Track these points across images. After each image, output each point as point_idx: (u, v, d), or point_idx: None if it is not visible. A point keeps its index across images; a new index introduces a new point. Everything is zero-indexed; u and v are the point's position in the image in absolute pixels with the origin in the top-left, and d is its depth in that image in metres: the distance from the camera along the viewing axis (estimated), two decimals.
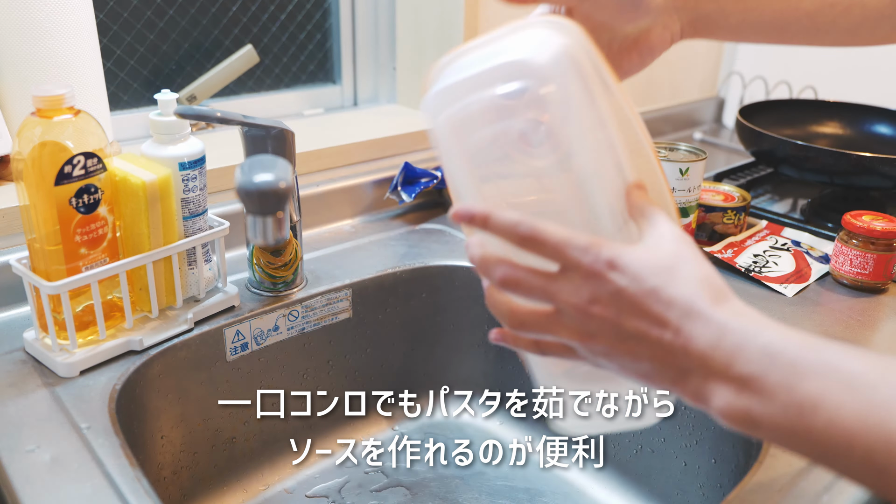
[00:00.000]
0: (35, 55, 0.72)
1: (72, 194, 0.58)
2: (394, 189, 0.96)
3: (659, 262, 0.41)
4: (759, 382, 0.38)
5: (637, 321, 0.41)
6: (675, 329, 0.40)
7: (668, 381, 0.41)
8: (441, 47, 1.04)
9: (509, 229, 0.42)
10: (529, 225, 0.42)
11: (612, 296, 0.41)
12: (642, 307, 0.40)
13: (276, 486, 0.78)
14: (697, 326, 0.40)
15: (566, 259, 0.41)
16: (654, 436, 0.75)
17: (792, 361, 0.38)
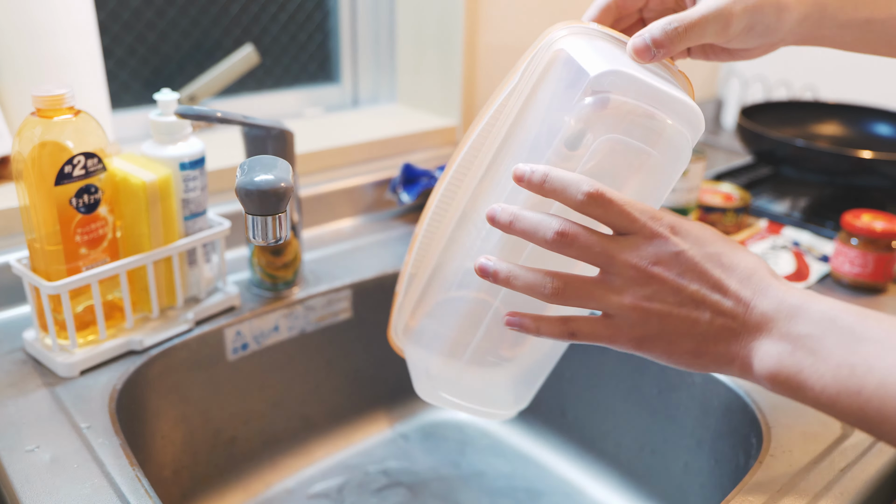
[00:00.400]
0: (35, 55, 0.72)
1: (72, 194, 0.58)
2: (394, 189, 0.96)
3: (717, 235, 0.43)
4: (816, 342, 0.39)
5: (697, 284, 0.41)
6: (735, 293, 0.41)
7: (712, 351, 0.42)
8: (441, 47, 1.04)
9: (572, 185, 0.41)
10: (594, 183, 0.41)
11: (674, 257, 0.41)
12: (703, 270, 0.41)
13: (276, 486, 0.78)
14: (758, 290, 0.41)
15: (631, 220, 0.41)
16: (654, 436, 0.75)
17: (850, 326, 0.39)
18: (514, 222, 0.43)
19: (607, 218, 0.42)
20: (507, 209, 0.44)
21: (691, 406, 0.70)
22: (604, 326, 0.44)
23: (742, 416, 0.64)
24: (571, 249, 0.42)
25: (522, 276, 0.44)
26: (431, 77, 1.07)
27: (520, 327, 0.46)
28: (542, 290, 0.43)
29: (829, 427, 0.60)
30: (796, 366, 0.40)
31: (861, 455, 0.56)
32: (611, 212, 0.41)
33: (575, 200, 0.41)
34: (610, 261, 0.42)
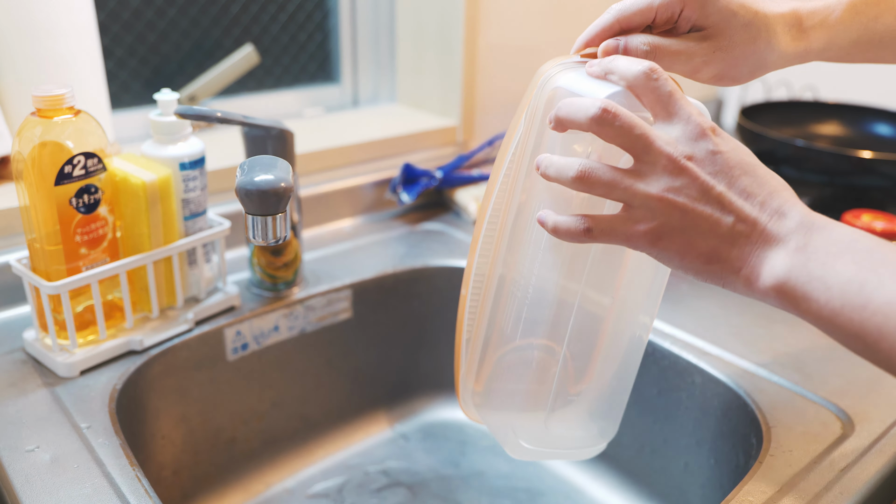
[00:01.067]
0: (35, 55, 0.72)
1: (72, 194, 0.58)
2: (394, 189, 0.96)
3: (751, 153, 0.43)
4: (832, 258, 0.40)
5: (726, 187, 0.42)
6: (761, 202, 0.41)
7: (725, 257, 0.42)
8: (441, 47, 1.04)
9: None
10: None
11: (709, 155, 0.42)
12: (735, 176, 0.42)
13: (276, 486, 0.78)
14: (783, 205, 0.42)
15: (678, 107, 0.43)
16: (654, 436, 0.75)
17: (869, 248, 0.40)
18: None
19: (653, 104, 0.43)
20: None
21: (691, 406, 0.70)
22: (622, 220, 0.43)
23: (742, 416, 0.64)
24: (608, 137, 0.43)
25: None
26: (431, 77, 1.07)
27: (541, 223, 0.46)
28: (568, 172, 0.44)
29: (829, 427, 0.60)
30: (806, 276, 0.40)
31: (861, 455, 0.56)
32: (658, 96, 0.43)
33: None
34: (646, 148, 0.42)
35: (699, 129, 0.42)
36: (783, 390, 0.64)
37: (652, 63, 0.43)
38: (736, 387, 0.65)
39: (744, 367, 0.68)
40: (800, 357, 0.69)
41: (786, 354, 0.69)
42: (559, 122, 0.44)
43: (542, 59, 1.13)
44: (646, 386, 0.74)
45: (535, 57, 1.12)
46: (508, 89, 1.10)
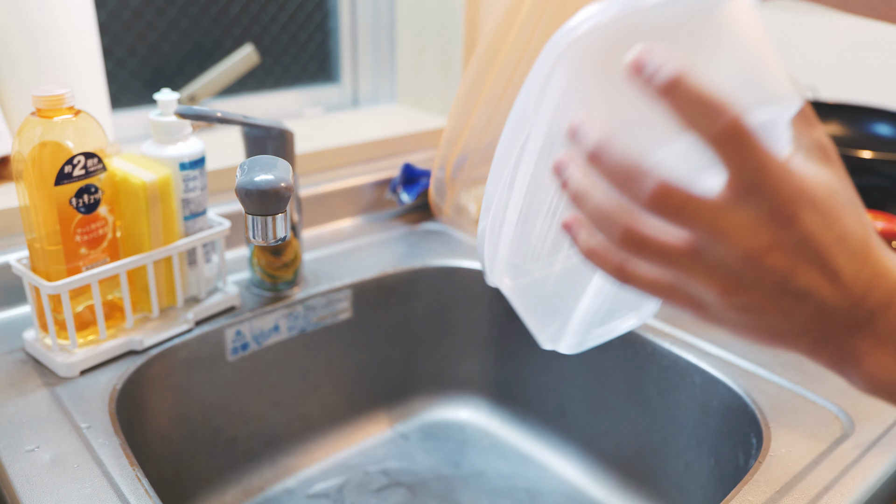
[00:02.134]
0: (35, 55, 0.72)
1: (72, 194, 0.58)
2: (394, 189, 0.96)
3: (844, 196, 0.32)
4: None
5: (812, 275, 0.31)
6: (849, 284, 0.32)
7: (811, 342, 0.34)
8: (441, 47, 1.04)
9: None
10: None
11: (797, 244, 0.31)
12: (825, 258, 0.31)
13: (276, 486, 0.78)
14: (873, 280, 0.32)
15: (760, 180, 0.30)
16: (654, 436, 0.75)
17: None
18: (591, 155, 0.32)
19: (733, 164, 0.30)
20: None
21: (691, 406, 0.70)
22: (681, 298, 0.34)
23: (742, 416, 0.64)
24: (672, 214, 0.31)
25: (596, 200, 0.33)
26: (431, 77, 1.07)
27: (570, 231, 0.35)
28: (617, 237, 0.32)
29: (829, 427, 0.60)
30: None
31: (861, 455, 0.56)
32: (740, 150, 0.30)
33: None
34: (720, 234, 0.31)
35: (788, 209, 0.31)
36: (783, 390, 0.64)
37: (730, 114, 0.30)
38: (736, 387, 0.65)
39: (744, 367, 0.68)
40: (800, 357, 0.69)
41: (786, 354, 0.69)
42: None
43: None
44: (646, 386, 0.74)
45: None
46: None
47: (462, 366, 0.91)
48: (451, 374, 0.91)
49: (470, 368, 0.91)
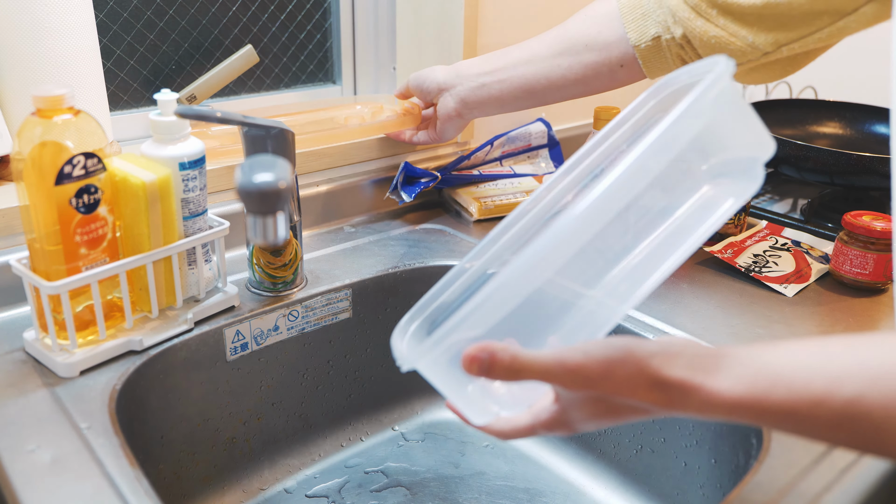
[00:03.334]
0: (35, 55, 0.72)
1: (72, 194, 0.58)
2: (394, 189, 0.96)
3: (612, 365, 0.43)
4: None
5: (630, 411, 0.45)
6: (666, 407, 0.43)
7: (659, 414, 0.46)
8: (441, 47, 1.04)
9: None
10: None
11: (607, 407, 0.45)
12: (630, 405, 0.44)
13: (276, 486, 0.78)
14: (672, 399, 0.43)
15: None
16: (654, 436, 0.75)
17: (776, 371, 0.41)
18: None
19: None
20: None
21: None
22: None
23: None
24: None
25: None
26: None
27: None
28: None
29: None
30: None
31: (861, 455, 0.56)
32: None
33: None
34: (567, 426, 0.47)
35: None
36: None
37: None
38: None
39: None
40: None
41: None
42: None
43: None
44: None
45: None
46: None
47: None
48: None
49: None
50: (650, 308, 0.77)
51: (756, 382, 0.40)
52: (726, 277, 0.85)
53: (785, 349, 0.42)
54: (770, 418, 0.40)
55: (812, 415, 0.39)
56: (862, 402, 0.38)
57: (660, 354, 0.42)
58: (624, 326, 0.74)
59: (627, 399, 0.43)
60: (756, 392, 0.40)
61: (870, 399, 0.38)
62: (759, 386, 0.40)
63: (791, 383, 0.40)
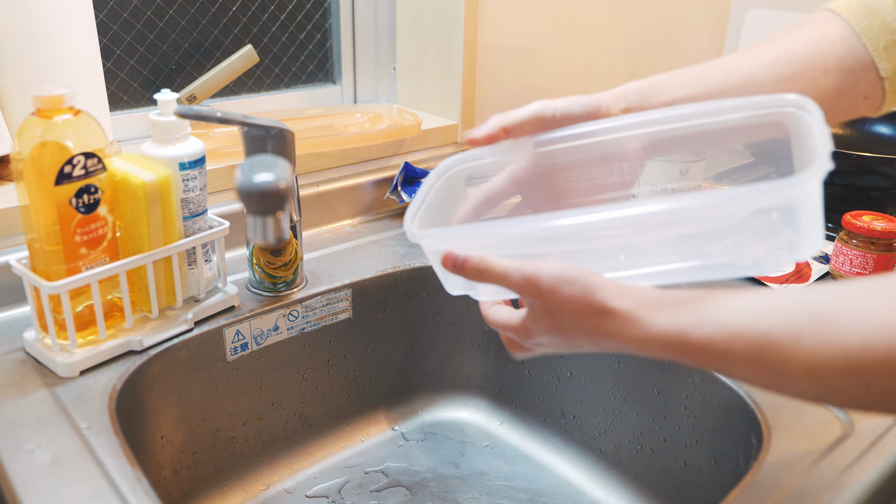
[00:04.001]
0: (35, 55, 0.72)
1: (72, 194, 0.58)
2: (394, 189, 0.96)
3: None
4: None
5: (578, 333, 0.48)
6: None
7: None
8: (441, 47, 1.04)
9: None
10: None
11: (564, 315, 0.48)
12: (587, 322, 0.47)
13: (276, 486, 0.78)
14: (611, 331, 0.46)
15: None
16: (654, 436, 0.75)
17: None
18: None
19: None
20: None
21: (691, 406, 0.70)
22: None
23: (742, 415, 0.64)
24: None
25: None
26: (431, 77, 1.07)
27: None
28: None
29: (829, 427, 0.60)
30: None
31: (861, 455, 0.56)
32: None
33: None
34: (527, 333, 0.51)
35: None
36: None
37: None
38: (736, 387, 0.65)
39: None
40: None
41: None
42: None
43: (541, 58, 1.14)
44: (646, 385, 0.74)
45: (534, 57, 1.12)
46: (508, 89, 1.10)
47: (462, 366, 0.91)
48: (451, 374, 0.91)
49: (470, 368, 0.91)
50: None
51: (685, 318, 0.43)
52: None
53: (742, 294, 0.43)
54: (694, 354, 0.43)
55: (729, 350, 0.41)
56: (771, 334, 0.40)
57: (611, 287, 0.45)
58: None
59: (573, 318, 0.46)
60: (682, 327, 0.42)
61: (779, 331, 0.40)
62: (685, 321, 0.43)
63: (716, 320, 0.42)
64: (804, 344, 0.39)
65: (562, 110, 0.58)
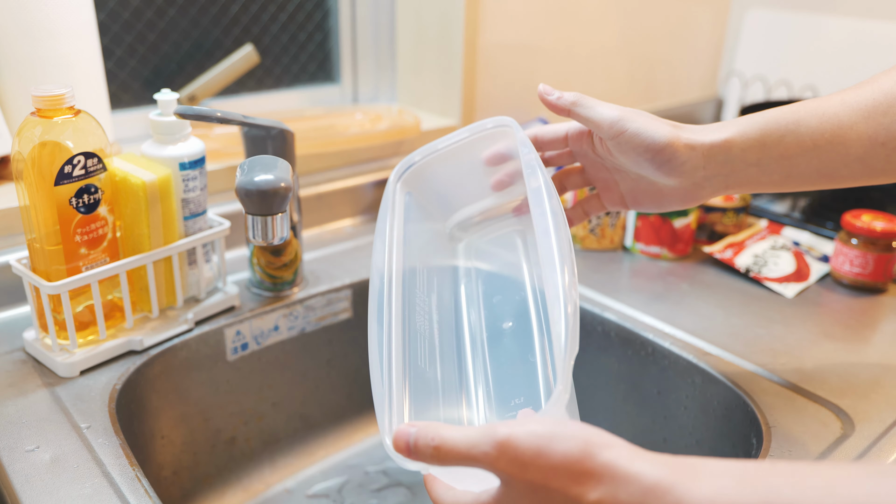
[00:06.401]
0: (35, 55, 0.72)
1: (72, 194, 0.58)
2: None
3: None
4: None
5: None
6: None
7: None
8: (441, 47, 1.04)
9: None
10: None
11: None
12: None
13: (276, 486, 0.78)
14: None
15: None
16: (654, 436, 0.75)
17: None
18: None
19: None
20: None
21: (691, 406, 0.70)
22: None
23: (742, 416, 0.64)
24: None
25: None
26: (431, 77, 1.07)
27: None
28: None
29: (829, 427, 0.60)
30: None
31: (861, 455, 0.56)
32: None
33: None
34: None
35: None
36: (783, 390, 0.64)
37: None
38: (736, 387, 0.65)
39: (744, 367, 0.68)
40: (800, 357, 0.69)
41: (786, 354, 0.69)
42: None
43: (541, 58, 1.14)
44: (646, 386, 0.74)
45: (535, 56, 1.12)
46: (508, 89, 1.10)
47: None
48: None
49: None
50: (651, 308, 0.77)
51: (739, 490, 0.34)
52: (726, 277, 0.85)
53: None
54: None
55: None
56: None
57: (621, 445, 0.35)
58: (624, 327, 0.74)
59: (563, 488, 0.35)
60: (732, 499, 0.33)
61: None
62: (740, 495, 0.33)
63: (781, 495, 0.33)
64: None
65: (632, 133, 0.55)
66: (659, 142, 0.54)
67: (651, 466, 0.34)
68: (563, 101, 0.57)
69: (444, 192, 0.64)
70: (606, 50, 1.23)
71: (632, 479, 0.34)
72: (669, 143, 0.54)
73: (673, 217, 0.87)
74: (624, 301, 0.79)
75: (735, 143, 0.54)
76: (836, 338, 0.73)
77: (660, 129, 0.54)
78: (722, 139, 0.54)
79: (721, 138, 0.54)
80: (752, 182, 0.56)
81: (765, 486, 0.33)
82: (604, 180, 0.62)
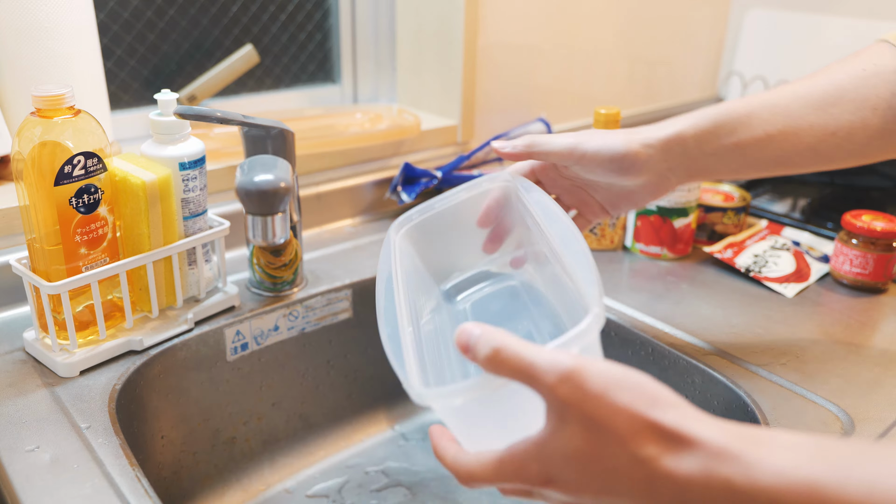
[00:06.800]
0: (35, 55, 0.72)
1: (72, 194, 0.58)
2: (394, 189, 0.96)
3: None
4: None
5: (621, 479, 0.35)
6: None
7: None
8: (441, 47, 1.04)
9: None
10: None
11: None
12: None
13: (276, 486, 0.78)
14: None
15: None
16: None
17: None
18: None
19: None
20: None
21: None
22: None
23: (742, 416, 0.64)
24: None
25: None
26: (431, 77, 1.07)
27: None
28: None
29: (829, 427, 0.60)
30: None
31: None
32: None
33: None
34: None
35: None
36: (783, 390, 0.64)
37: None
38: (736, 387, 0.65)
39: (744, 366, 0.68)
40: (800, 357, 0.69)
41: (786, 354, 0.69)
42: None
43: (541, 58, 1.14)
44: None
45: (535, 56, 1.12)
46: (508, 89, 1.10)
47: None
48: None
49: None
50: (651, 308, 0.77)
51: (817, 465, 0.32)
52: (726, 277, 0.85)
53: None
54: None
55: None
56: None
57: (686, 407, 0.34)
58: (624, 327, 0.74)
59: (622, 435, 0.33)
60: (813, 475, 0.32)
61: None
62: (818, 469, 0.32)
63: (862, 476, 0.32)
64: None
65: (592, 154, 0.58)
66: (618, 151, 0.58)
67: (719, 432, 0.33)
68: (518, 148, 0.61)
69: (441, 252, 0.65)
70: (606, 50, 1.23)
71: (696, 442, 0.33)
72: (627, 149, 0.58)
73: (673, 217, 0.87)
74: (624, 301, 0.79)
75: (688, 134, 0.59)
76: (836, 338, 0.73)
77: (615, 140, 0.58)
78: (674, 132, 0.59)
79: (673, 132, 0.59)
80: (711, 170, 0.61)
81: (842, 461, 0.32)
82: (580, 199, 0.66)
